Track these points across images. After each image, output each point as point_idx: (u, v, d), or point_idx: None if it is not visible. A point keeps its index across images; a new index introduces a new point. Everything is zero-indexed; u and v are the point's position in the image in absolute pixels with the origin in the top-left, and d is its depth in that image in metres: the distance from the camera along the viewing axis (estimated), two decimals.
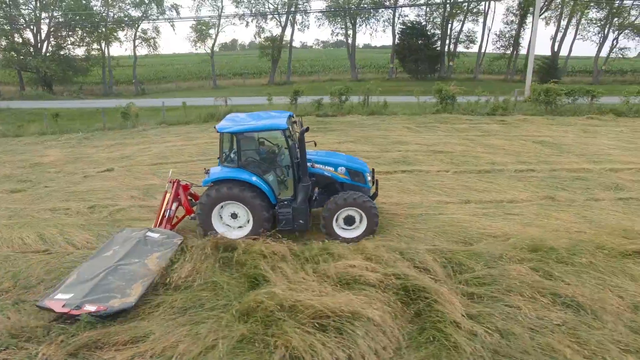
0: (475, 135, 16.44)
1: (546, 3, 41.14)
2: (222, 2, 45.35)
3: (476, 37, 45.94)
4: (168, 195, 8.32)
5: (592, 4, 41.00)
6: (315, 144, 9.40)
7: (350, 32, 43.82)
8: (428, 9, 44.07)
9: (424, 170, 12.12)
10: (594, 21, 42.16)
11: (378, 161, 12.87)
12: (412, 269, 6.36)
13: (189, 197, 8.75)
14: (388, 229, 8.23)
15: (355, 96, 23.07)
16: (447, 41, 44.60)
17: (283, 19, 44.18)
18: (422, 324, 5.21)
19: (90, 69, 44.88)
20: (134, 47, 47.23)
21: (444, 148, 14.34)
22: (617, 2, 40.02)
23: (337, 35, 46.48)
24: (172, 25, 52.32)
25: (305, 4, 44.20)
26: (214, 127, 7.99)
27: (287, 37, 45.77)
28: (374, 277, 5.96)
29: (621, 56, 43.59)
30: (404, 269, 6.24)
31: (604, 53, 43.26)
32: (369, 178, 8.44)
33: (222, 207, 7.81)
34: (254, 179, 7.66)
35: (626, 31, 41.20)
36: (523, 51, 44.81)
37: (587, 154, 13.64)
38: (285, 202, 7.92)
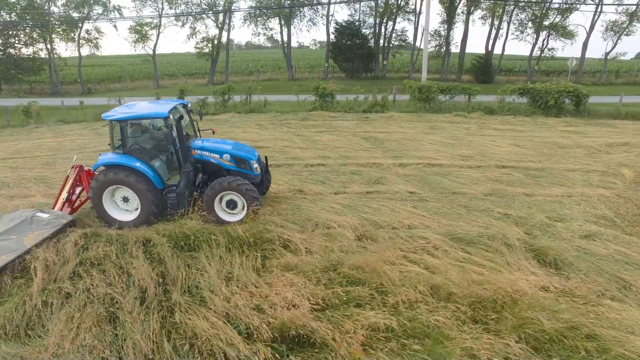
0: (318, 131, 16.77)
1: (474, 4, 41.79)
2: (162, 3, 44.38)
3: (407, 37, 46.45)
4: (70, 179, 8.77)
5: (520, 4, 41.64)
6: (214, 132, 9.93)
7: (285, 31, 44.02)
8: (361, 9, 44.51)
9: None
10: (522, 22, 42.88)
11: None
12: None
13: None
14: None
15: (237, 95, 23.33)
16: (382, 40, 44.98)
17: (220, 19, 44.22)
18: None
19: (41, 68, 45.14)
20: (78, 47, 47.09)
21: (267, 144, 14.64)
22: (536, 2, 40.70)
23: (264, 35, 46.52)
24: (115, 26, 52.00)
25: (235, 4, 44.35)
26: (102, 116, 8.44)
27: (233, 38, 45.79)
28: None
29: (550, 56, 44.41)
30: None
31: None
32: (255, 165, 8.73)
33: (113, 192, 8.25)
34: (138, 164, 8.04)
35: (552, 33, 41.95)
36: (455, 50, 45.48)
37: (399, 149, 14.00)
38: (174, 187, 8.34)
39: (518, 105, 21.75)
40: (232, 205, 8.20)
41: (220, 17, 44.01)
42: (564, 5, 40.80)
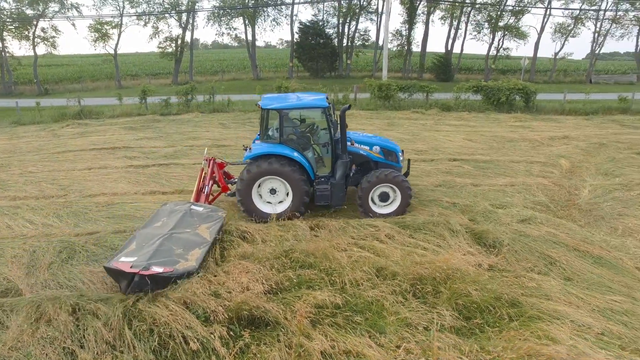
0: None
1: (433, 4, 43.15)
2: (123, 2, 43.30)
3: (370, 36, 47.40)
4: (205, 172, 8.72)
5: (476, 6, 43.32)
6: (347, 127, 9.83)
7: (249, 31, 43.99)
8: (324, 9, 45.06)
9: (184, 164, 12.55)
10: (479, 23, 44.61)
11: (149, 155, 13.25)
12: None
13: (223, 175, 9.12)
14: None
15: (200, 95, 23.33)
16: (345, 40, 45.69)
17: (184, 19, 43.63)
18: None
19: None
20: (34, 46, 45.19)
21: (230, 142, 14.86)
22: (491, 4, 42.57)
23: (228, 35, 46.33)
24: (73, 25, 50.39)
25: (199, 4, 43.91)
26: (257, 104, 8.22)
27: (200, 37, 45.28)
28: None
29: (505, 55, 46.45)
30: None
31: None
32: (401, 157, 8.78)
33: (259, 185, 7.94)
34: (296, 154, 7.90)
35: (506, 34, 43.90)
36: (417, 49, 46.78)
37: None
38: (323, 179, 8.17)
39: (473, 102, 22.87)
40: (384, 197, 8.23)
41: (184, 16, 43.47)
42: (517, 8, 42.87)
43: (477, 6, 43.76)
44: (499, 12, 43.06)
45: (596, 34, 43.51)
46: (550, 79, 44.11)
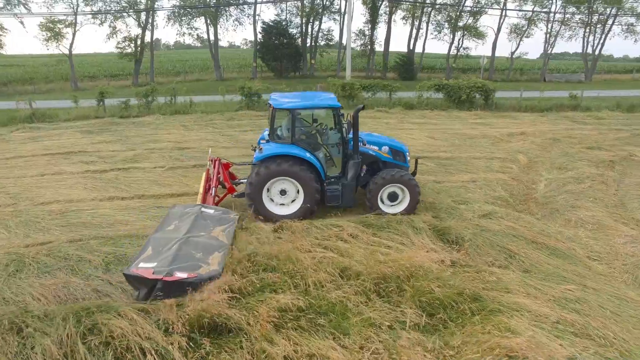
0: (244, 130, 16.94)
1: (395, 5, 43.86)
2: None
3: (334, 36, 47.64)
4: (210, 173, 8.56)
5: (436, 7, 44.35)
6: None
7: (211, 31, 43.17)
8: (287, 9, 44.91)
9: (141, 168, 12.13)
10: (439, 23, 45.71)
11: (107, 159, 12.77)
12: None
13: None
14: None
15: (161, 97, 22.69)
16: (309, 39, 45.69)
17: (143, 18, 42.30)
18: None
19: None
20: None
21: (192, 145, 14.52)
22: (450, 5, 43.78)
23: (190, 35, 45.33)
24: (22, 22, 47.81)
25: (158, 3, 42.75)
26: (268, 104, 8.10)
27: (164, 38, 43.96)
28: None
29: (465, 54, 47.84)
30: None
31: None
32: (409, 157, 8.79)
33: (267, 189, 7.77)
34: (308, 154, 7.78)
35: (466, 33, 45.20)
36: (380, 49, 47.40)
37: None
38: (333, 179, 8.13)
39: (435, 100, 23.36)
40: (393, 197, 8.20)
41: (143, 15, 42.16)
42: (475, 9, 44.25)
43: (437, 7, 44.80)
44: (458, 13, 44.25)
45: (548, 35, 45.51)
46: (507, 78, 45.72)
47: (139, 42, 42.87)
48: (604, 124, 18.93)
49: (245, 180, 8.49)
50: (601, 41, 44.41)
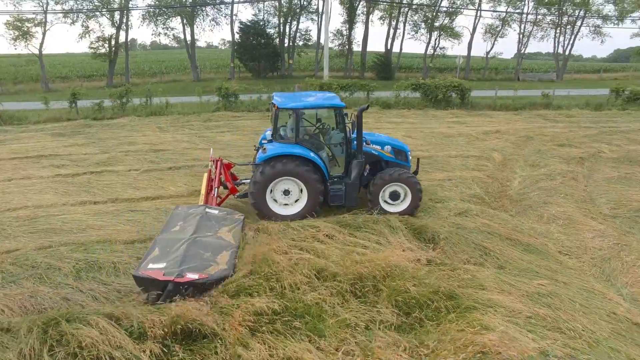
0: (220, 131, 16.76)
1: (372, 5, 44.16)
2: None
3: (311, 36, 47.62)
4: (212, 173, 8.44)
5: (413, 7, 44.84)
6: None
7: (188, 31, 42.57)
8: (264, 9, 44.68)
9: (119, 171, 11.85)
10: (416, 23, 46.25)
11: (79, 163, 12.42)
12: None
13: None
14: None
15: (137, 98, 22.26)
16: (287, 40, 45.54)
17: (117, 17, 41.36)
18: None
19: None
20: None
21: (167, 147, 14.27)
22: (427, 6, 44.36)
23: (165, 35, 44.63)
24: None
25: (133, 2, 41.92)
26: (271, 103, 8.12)
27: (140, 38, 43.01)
28: None
29: (442, 54, 48.55)
30: None
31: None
32: (410, 157, 8.87)
33: (270, 190, 7.74)
34: (312, 154, 7.76)
35: (442, 33, 45.88)
36: (358, 48, 47.61)
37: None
38: (336, 179, 8.10)
39: (412, 99, 23.61)
40: (395, 196, 8.18)
41: (117, 15, 41.21)
42: (451, 9, 44.96)
43: (413, 7, 45.31)
44: (434, 13, 44.86)
45: (521, 35, 46.63)
46: (483, 77, 46.61)
47: (113, 42, 41.95)
48: (574, 121, 19.50)
49: (248, 180, 8.53)
50: (571, 42, 45.83)
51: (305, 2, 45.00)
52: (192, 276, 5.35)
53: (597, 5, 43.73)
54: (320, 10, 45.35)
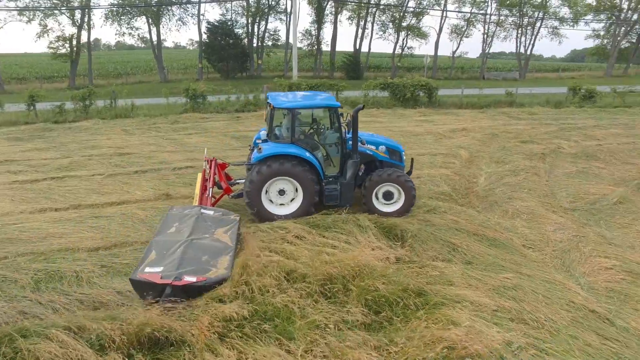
0: (188, 133, 16.45)
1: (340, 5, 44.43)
2: None
3: (280, 36, 47.50)
4: (207, 173, 8.35)
5: (380, 7, 45.39)
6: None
7: (154, 31, 41.59)
8: (232, 9, 44.21)
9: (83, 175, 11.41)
10: (384, 23, 46.88)
11: (38, 168, 11.91)
12: None
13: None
14: None
15: (101, 100, 21.56)
16: (255, 40, 45.21)
17: (78, 16, 39.88)
18: None
19: None
20: None
21: (133, 150, 13.90)
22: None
23: (130, 35, 43.66)
24: None
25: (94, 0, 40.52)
26: (267, 103, 8.11)
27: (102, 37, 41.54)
28: None
29: (409, 54, 49.43)
30: None
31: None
32: (404, 157, 8.86)
33: (265, 190, 7.70)
34: (307, 154, 7.75)
35: (409, 33, 46.71)
36: (327, 48, 47.78)
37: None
38: (331, 179, 8.12)
39: (381, 99, 23.86)
40: (388, 196, 8.19)
41: (78, 14, 39.72)
42: (417, 9, 45.81)
43: (381, 7, 45.88)
44: (401, 13, 45.60)
45: (485, 35, 48.02)
46: (450, 76, 47.73)
47: (74, 42, 40.44)
48: (536, 119, 20.20)
49: (242, 180, 8.50)
50: (531, 42, 47.59)
51: (273, 2, 44.84)
52: (189, 279, 5.29)
53: (554, 7, 45.68)
54: (288, 10, 45.28)
